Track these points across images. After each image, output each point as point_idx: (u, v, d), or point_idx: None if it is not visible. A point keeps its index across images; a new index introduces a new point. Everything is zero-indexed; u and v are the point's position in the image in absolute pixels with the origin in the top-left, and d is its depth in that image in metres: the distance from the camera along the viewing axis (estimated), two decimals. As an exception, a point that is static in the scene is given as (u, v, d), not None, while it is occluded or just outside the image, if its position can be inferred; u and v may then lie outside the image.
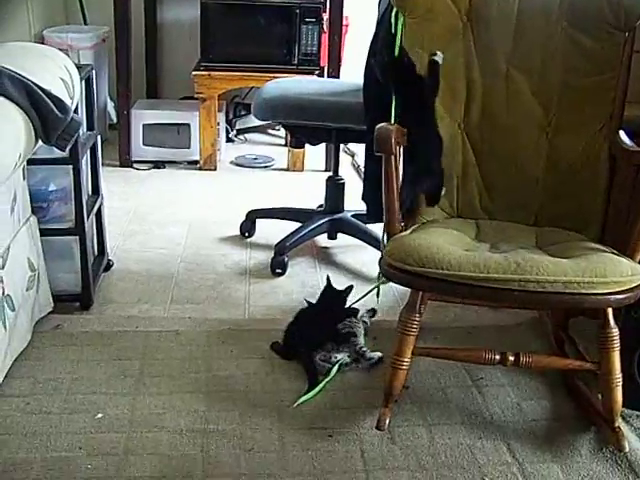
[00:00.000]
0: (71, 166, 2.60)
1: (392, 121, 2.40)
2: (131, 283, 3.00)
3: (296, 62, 4.27)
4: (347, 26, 4.60)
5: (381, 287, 2.78)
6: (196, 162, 4.42)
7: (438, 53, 2.37)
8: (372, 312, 2.76)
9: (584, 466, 2.07)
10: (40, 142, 2.20)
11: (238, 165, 4.56)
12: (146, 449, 2.06)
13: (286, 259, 3.15)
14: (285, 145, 4.73)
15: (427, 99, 2.40)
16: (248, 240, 3.47)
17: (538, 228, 2.39)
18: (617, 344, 2.08)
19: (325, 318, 2.59)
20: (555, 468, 2.06)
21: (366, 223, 3.23)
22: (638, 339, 2.24)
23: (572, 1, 2.37)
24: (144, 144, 4.41)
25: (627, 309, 2.16)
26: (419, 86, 2.39)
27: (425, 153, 2.39)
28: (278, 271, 3.13)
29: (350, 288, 2.71)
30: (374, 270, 3.00)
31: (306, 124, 3.11)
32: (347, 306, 2.69)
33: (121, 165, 4.39)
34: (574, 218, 2.37)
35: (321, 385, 2.35)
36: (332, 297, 2.69)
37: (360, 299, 2.75)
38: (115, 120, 4.68)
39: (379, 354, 2.48)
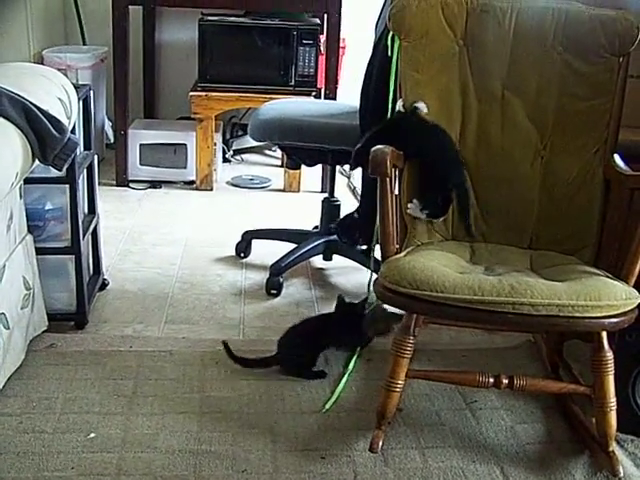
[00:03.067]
0: (67, 185, 2.60)
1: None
2: (126, 303, 3.00)
3: (293, 83, 4.29)
4: (344, 48, 4.63)
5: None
6: (192, 182, 4.43)
7: (420, 103, 2.39)
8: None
9: (578, 490, 2.07)
10: (37, 161, 2.21)
11: (234, 185, 4.57)
12: (138, 469, 2.05)
13: (281, 280, 3.15)
14: (281, 166, 4.74)
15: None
16: (243, 261, 3.48)
17: (533, 251, 2.40)
18: (611, 368, 2.08)
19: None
20: (549, 492, 2.06)
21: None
22: (632, 363, 2.24)
23: (567, 26, 2.40)
24: (141, 164, 4.41)
25: (621, 333, 2.17)
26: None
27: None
28: (273, 292, 3.13)
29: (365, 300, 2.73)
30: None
31: (302, 145, 3.12)
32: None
33: (118, 184, 4.39)
34: (568, 241, 2.38)
35: (344, 379, 2.46)
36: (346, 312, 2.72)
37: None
38: (112, 140, 4.69)
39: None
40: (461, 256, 2.30)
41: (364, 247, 3.15)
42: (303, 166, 3.51)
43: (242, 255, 3.50)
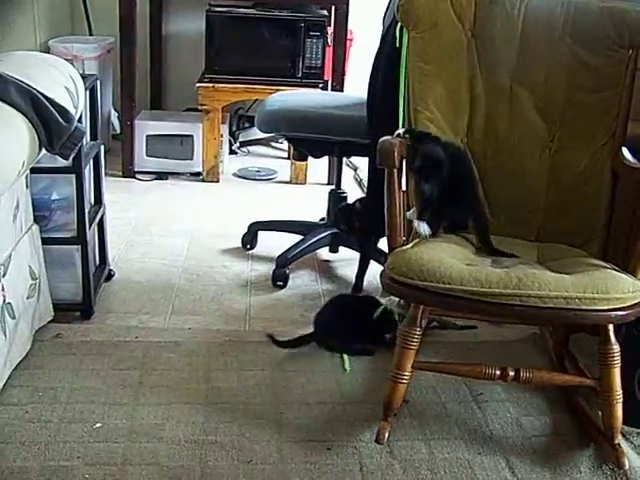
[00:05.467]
0: (74, 175, 2.60)
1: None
2: (132, 293, 3.00)
3: (300, 75, 4.27)
4: (351, 40, 4.62)
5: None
6: (199, 174, 4.42)
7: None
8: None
9: (583, 483, 2.07)
10: (44, 150, 2.20)
11: (241, 177, 4.57)
12: (144, 459, 2.06)
13: (287, 272, 3.15)
14: (288, 158, 4.73)
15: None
16: (250, 252, 3.47)
17: (540, 243, 2.39)
18: (618, 361, 2.08)
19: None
20: (554, 485, 2.06)
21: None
22: (639, 356, 2.23)
23: (576, 18, 2.39)
24: (147, 155, 4.41)
25: (628, 326, 2.16)
26: None
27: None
28: (279, 283, 3.13)
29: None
30: (375, 283, 2.99)
31: (309, 137, 3.12)
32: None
33: (124, 175, 4.39)
34: (576, 234, 2.37)
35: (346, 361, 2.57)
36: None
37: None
38: (119, 130, 4.68)
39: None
40: (468, 248, 2.29)
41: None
42: (310, 158, 3.51)
43: (248, 247, 3.49)
